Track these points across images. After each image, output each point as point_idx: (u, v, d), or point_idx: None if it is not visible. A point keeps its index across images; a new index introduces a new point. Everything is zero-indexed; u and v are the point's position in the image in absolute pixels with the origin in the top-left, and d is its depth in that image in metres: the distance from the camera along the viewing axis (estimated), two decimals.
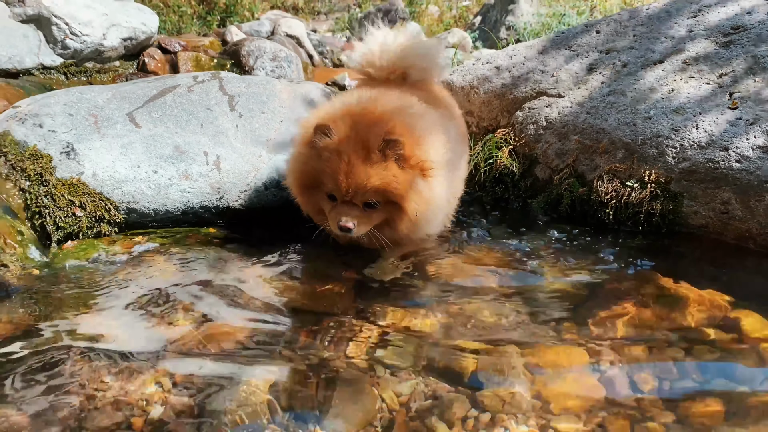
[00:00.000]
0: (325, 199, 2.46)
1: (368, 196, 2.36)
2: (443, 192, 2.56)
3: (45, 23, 4.97)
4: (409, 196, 2.39)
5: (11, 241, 2.55)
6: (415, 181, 2.40)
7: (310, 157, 2.44)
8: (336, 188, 2.36)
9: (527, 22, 9.36)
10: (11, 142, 2.85)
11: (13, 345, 1.95)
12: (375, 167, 2.32)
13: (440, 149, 2.51)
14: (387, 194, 2.37)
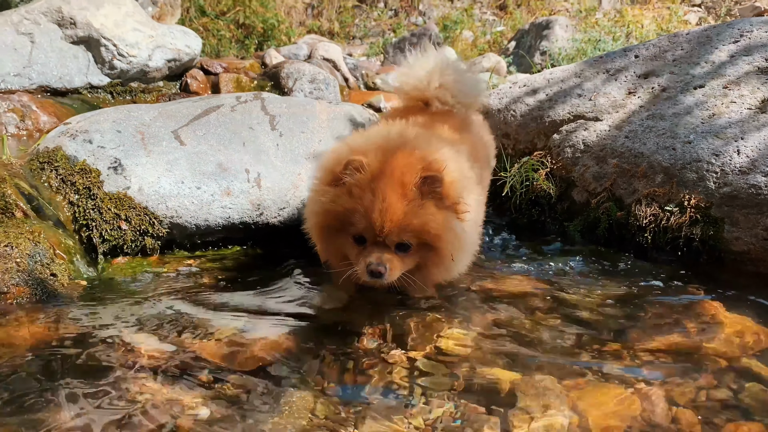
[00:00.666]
0: (350, 243, 2.26)
1: (403, 235, 2.17)
2: (475, 233, 2.45)
3: (94, 44, 5.19)
4: (446, 237, 2.21)
5: (60, 252, 2.64)
6: (451, 221, 2.23)
7: (338, 196, 2.22)
8: (368, 227, 2.16)
9: (562, 47, 9.37)
10: (62, 157, 2.96)
11: (60, 350, 2.01)
12: (411, 204, 2.14)
13: (473, 189, 2.40)
14: (423, 234, 2.19)
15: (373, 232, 2.15)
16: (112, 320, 2.27)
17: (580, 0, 12.02)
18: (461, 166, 2.38)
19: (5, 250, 2.43)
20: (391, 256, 2.18)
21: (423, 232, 2.18)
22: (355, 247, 2.24)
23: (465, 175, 2.37)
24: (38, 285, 2.39)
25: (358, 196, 2.17)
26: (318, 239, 2.41)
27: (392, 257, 2.18)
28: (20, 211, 2.67)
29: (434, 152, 2.30)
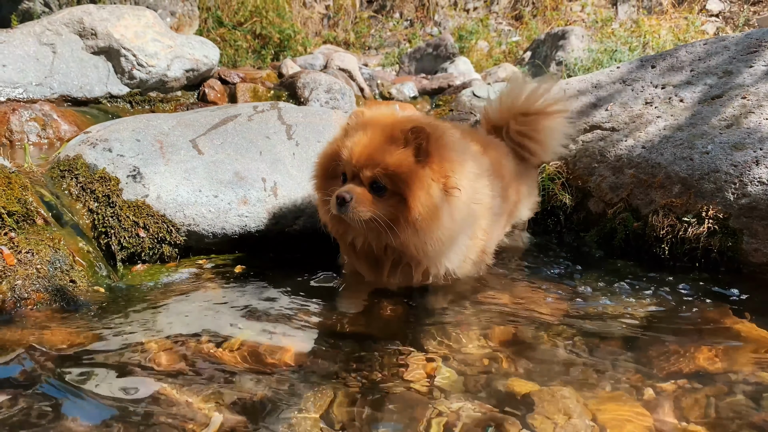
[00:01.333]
0: (339, 186, 2.38)
1: (377, 172, 2.27)
2: (461, 222, 2.44)
3: (114, 55, 5.27)
4: (416, 192, 2.26)
5: (79, 259, 2.67)
6: (430, 183, 2.29)
7: (336, 138, 2.49)
8: (348, 159, 2.32)
9: (578, 57, 9.35)
10: (82, 165, 3.01)
11: (79, 355, 2.04)
12: (393, 146, 2.28)
13: (471, 180, 2.46)
14: (396, 178, 2.26)
15: (351, 163, 2.31)
16: (129, 326, 2.29)
17: (596, 10, 12.01)
18: (460, 150, 2.47)
19: (26, 257, 2.47)
20: (362, 191, 2.29)
21: (396, 175, 2.26)
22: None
23: (462, 162, 2.44)
24: (58, 291, 2.42)
25: (350, 135, 2.38)
26: (317, 190, 2.58)
27: (362, 191, 2.29)
28: (41, 218, 2.71)
29: (434, 124, 2.48)
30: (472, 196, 2.47)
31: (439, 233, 2.37)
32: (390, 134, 2.31)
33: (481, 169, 2.61)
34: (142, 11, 5.50)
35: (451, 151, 2.39)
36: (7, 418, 1.66)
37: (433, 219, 2.31)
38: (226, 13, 10.28)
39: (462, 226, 2.49)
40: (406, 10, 13.31)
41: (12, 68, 4.93)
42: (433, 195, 2.29)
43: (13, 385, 1.83)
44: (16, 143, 4.44)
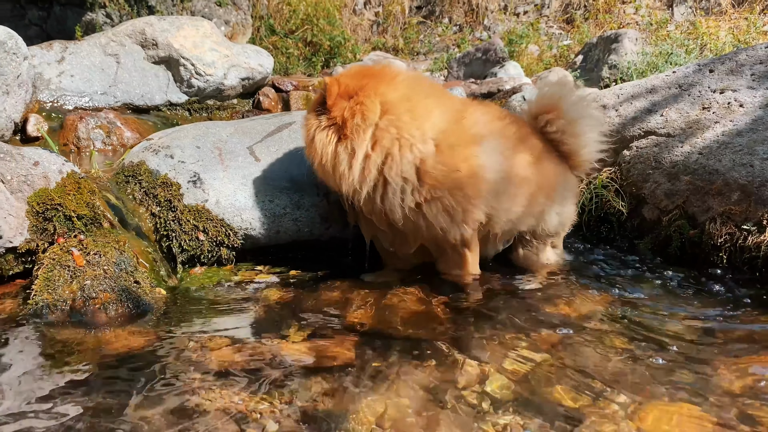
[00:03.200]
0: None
1: None
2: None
3: (174, 64, 5.46)
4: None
5: (143, 261, 2.79)
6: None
7: (321, 121, 2.70)
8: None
9: (631, 61, 9.15)
10: (146, 171, 3.14)
11: (141, 353, 2.14)
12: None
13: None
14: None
15: None
16: (189, 326, 2.39)
17: (651, 12, 11.74)
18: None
19: (94, 258, 2.60)
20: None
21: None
22: None
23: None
24: (123, 291, 2.55)
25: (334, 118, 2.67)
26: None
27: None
28: (107, 221, 2.84)
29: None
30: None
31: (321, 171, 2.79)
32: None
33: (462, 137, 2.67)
34: (201, 22, 5.70)
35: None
36: (76, 412, 1.77)
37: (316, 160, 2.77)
38: (278, 21, 10.51)
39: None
40: (456, 15, 13.30)
41: (79, 78, 5.17)
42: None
43: (82, 382, 1.95)
44: (83, 150, 4.66)
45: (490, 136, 2.67)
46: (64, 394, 1.86)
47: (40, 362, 2.10)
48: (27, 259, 2.71)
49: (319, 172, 2.71)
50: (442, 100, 2.75)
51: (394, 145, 2.55)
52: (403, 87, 2.65)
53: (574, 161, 3.04)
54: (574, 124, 2.90)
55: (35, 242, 2.69)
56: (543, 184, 2.86)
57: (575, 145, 2.96)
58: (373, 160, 2.56)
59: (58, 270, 2.52)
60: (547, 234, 3.06)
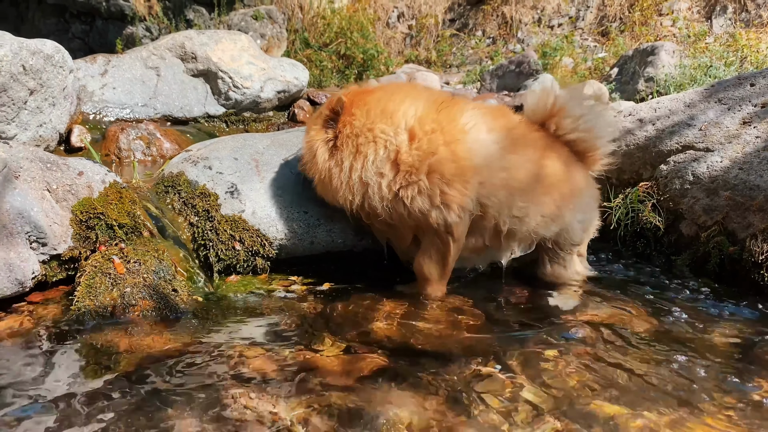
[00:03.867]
0: None
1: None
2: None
3: (212, 77, 5.59)
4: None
5: (181, 269, 2.86)
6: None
7: (328, 137, 2.85)
8: None
9: (668, 73, 9.03)
10: (185, 182, 3.21)
11: (179, 359, 2.18)
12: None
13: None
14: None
15: None
16: (225, 334, 2.43)
17: (689, 24, 11.57)
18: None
19: (134, 266, 2.67)
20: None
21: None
22: None
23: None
24: (161, 299, 2.60)
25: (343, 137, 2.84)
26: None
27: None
28: (147, 230, 2.92)
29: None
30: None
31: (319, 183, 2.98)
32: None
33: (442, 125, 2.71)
34: (238, 35, 5.83)
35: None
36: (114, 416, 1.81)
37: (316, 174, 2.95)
38: (312, 34, 10.66)
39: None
40: (489, 28, 13.30)
41: (121, 90, 5.33)
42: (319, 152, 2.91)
43: (121, 385, 2.00)
44: (124, 160, 4.79)
45: (489, 130, 2.70)
46: (105, 396, 1.91)
47: (83, 365, 2.17)
48: (70, 266, 2.79)
49: (319, 188, 2.90)
50: (416, 93, 2.83)
51: (370, 148, 2.67)
52: (379, 91, 2.81)
53: (591, 156, 3.01)
54: (580, 119, 2.89)
55: (78, 250, 2.77)
56: (564, 188, 2.83)
57: (588, 139, 2.94)
58: (355, 168, 2.69)
59: (100, 277, 2.59)
60: (571, 243, 3.02)
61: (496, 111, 2.95)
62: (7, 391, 1.94)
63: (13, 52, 4.01)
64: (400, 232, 2.90)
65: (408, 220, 2.72)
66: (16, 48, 4.05)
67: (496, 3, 12.97)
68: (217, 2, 9.75)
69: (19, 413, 1.81)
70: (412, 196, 2.63)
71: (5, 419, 1.78)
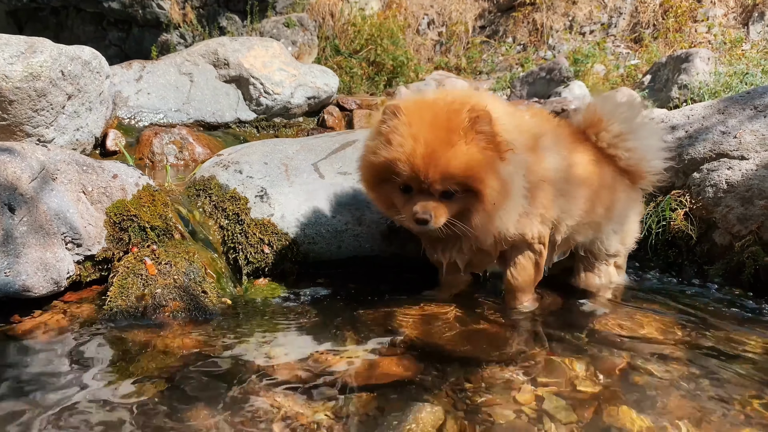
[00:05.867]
0: (397, 193, 2.31)
1: (448, 183, 2.18)
2: (520, 183, 2.34)
3: (244, 83, 5.67)
4: (488, 182, 2.19)
5: (210, 271, 2.90)
6: (495, 163, 2.20)
7: (378, 147, 2.26)
8: (412, 176, 2.19)
9: (703, 81, 8.87)
10: (216, 185, 3.27)
11: (207, 360, 2.22)
12: (457, 148, 2.13)
13: (516, 134, 2.34)
14: (467, 181, 2.18)
15: (418, 179, 2.18)
16: (252, 336, 2.46)
17: (724, 31, 11.35)
18: (502, 110, 2.36)
19: (165, 268, 2.72)
20: (436, 204, 2.22)
21: (468, 179, 2.17)
22: (401, 196, 2.30)
23: (507, 120, 2.33)
24: (191, 300, 2.65)
25: (398, 144, 2.18)
26: (369, 191, 2.50)
27: (437, 205, 2.22)
28: (178, 232, 2.97)
29: (477, 97, 2.34)
30: (523, 157, 2.37)
31: (508, 205, 2.33)
32: (448, 135, 2.14)
33: (535, 138, 2.50)
34: (270, 42, 5.91)
35: (501, 117, 2.29)
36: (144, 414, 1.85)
37: (504, 196, 2.27)
38: (342, 41, 10.73)
39: (520, 186, 2.38)
40: (520, 35, 13.24)
41: (155, 96, 5.45)
42: (501, 174, 2.23)
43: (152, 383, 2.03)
44: (157, 164, 4.89)
45: (555, 143, 2.63)
46: (134, 394, 1.95)
47: (114, 363, 2.22)
48: (103, 267, 2.85)
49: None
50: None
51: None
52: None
53: (634, 174, 2.94)
54: (622, 136, 2.81)
55: (111, 251, 2.83)
56: (602, 196, 2.78)
57: (631, 159, 2.85)
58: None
59: (132, 278, 2.65)
60: (606, 253, 2.99)
61: (544, 117, 2.86)
62: (39, 386, 1.99)
63: (53, 58, 4.13)
64: (486, 253, 2.71)
65: (507, 240, 2.59)
66: (56, 54, 4.17)
67: (526, 10, 12.90)
68: (249, 10, 9.89)
69: (51, 408, 1.86)
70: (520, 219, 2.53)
71: (37, 413, 1.83)
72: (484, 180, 2.19)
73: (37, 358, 2.22)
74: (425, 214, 2.21)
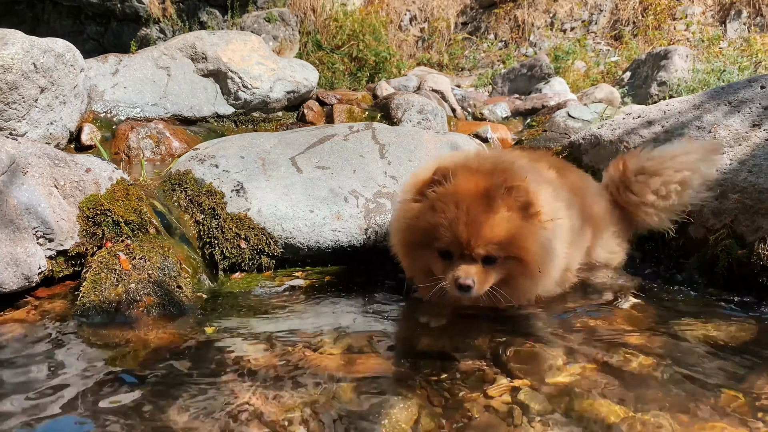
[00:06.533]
0: (436, 258, 2.29)
1: (490, 249, 2.19)
2: (562, 248, 2.40)
3: (222, 77, 5.62)
4: (532, 248, 2.22)
5: (186, 266, 2.87)
6: (536, 231, 2.24)
7: (421, 210, 2.28)
8: (454, 241, 2.20)
9: (681, 78, 8.97)
10: (191, 180, 3.23)
11: (182, 354, 2.20)
12: (499, 216, 2.17)
13: (553, 203, 2.40)
14: (510, 247, 2.20)
15: (460, 246, 2.18)
16: (227, 330, 2.44)
17: (702, 29, 11.48)
18: (537, 180, 2.39)
19: (139, 263, 2.69)
20: (479, 270, 2.20)
21: (509, 245, 2.19)
22: (440, 261, 2.27)
23: (543, 190, 2.37)
24: (166, 295, 2.62)
25: (441, 210, 2.20)
26: (403, 255, 2.46)
27: (480, 270, 2.20)
28: (153, 227, 2.93)
29: (516, 169, 2.35)
30: (554, 217, 2.42)
31: (551, 269, 2.36)
32: (488, 202, 2.19)
33: (557, 190, 2.56)
34: (249, 36, 5.87)
35: (539, 190, 2.35)
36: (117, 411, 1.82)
37: (548, 263, 2.30)
38: (324, 36, 10.68)
39: (563, 251, 2.44)
40: (501, 32, 13.28)
41: (132, 90, 5.37)
42: (541, 240, 2.26)
43: (128, 378, 2.01)
44: (134, 158, 4.83)
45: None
46: (107, 389, 1.92)
47: (86, 358, 2.18)
48: (76, 262, 2.81)
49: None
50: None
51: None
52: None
53: (648, 222, 3.12)
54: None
55: (84, 246, 2.79)
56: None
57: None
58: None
59: (105, 273, 2.61)
60: None
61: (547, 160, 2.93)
62: (7, 383, 1.96)
63: (24, 50, 4.06)
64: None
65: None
66: (27, 46, 4.09)
67: (508, 6, 12.95)
68: (230, 4, 9.80)
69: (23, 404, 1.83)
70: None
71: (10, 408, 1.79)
72: (528, 247, 2.22)
73: (6, 355, 2.18)
74: (468, 280, 2.18)
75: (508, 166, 2.36)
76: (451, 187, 2.22)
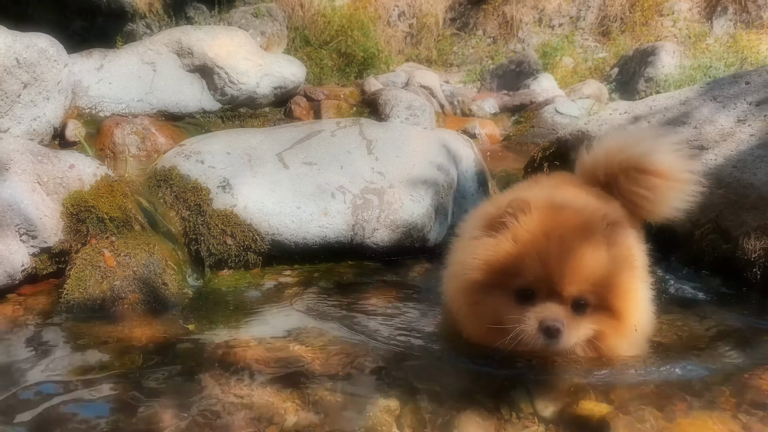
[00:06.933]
0: (509, 302, 1.88)
1: (584, 289, 1.81)
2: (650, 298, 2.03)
3: (208, 72, 5.58)
4: (631, 297, 1.87)
5: (171, 263, 2.84)
6: (636, 278, 1.90)
7: (499, 244, 1.89)
8: (542, 276, 1.82)
9: (668, 74, 9.03)
10: (177, 176, 3.21)
11: (168, 351, 2.19)
12: (598, 253, 1.82)
13: (637, 245, 2.13)
14: (607, 292, 1.84)
15: (547, 282, 1.81)
16: (213, 326, 2.43)
17: (689, 25, 11.54)
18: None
19: (124, 259, 2.66)
20: (568, 314, 1.81)
21: (607, 289, 1.84)
22: (516, 305, 1.86)
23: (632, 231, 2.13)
24: (151, 292, 2.60)
25: (526, 241, 1.86)
26: (466, 304, 2.01)
27: (569, 315, 1.81)
28: (138, 224, 2.91)
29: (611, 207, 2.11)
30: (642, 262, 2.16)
31: (645, 328, 2.03)
32: (586, 232, 1.85)
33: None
34: (235, 31, 5.83)
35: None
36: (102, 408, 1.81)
37: (644, 317, 1.97)
38: (312, 32, 10.62)
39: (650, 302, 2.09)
40: (490, 28, 13.28)
41: (117, 85, 5.32)
42: (641, 294, 1.95)
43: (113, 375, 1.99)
44: (119, 155, 4.78)
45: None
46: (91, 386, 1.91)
47: (70, 356, 2.18)
48: (60, 259, 2.78)
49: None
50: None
51: None
52: None
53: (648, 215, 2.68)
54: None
55: (69, 243, 2.76)
56: None
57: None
58: None
59: (90, 270, 2.59)
60: None
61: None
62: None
63: (6, 45, 4.00)
64: None
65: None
66: (9, 41, 4.04)
67: (496, 2, 12.94)
68: (217, 0, 9.72)
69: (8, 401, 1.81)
70: None
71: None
72: (627, 295, 1.88)
73: None
74: (557, 323, 1.76)
75: (595, 204, 2.04)
76: (538, 217, 1.89)
